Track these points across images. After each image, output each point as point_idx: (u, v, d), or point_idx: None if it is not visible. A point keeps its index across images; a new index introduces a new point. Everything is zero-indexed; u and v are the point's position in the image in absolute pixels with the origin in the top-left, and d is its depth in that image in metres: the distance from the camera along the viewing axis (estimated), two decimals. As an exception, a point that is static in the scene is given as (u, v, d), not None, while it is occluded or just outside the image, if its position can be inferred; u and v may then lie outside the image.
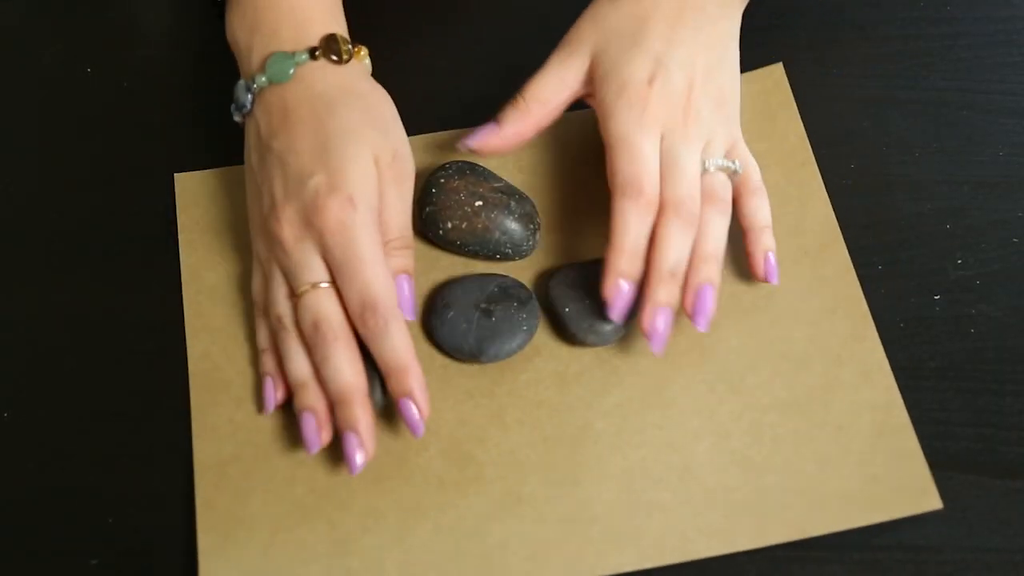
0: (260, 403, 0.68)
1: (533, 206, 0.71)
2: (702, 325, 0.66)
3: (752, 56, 0.76)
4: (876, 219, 0.72)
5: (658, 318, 0.65)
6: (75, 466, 0.66)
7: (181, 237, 0.72)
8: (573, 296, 0.68)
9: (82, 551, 0.64)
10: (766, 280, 0.69)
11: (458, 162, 0.71)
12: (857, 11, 0.81)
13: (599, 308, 0.66)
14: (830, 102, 0.77)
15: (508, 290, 0.69)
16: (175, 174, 0.74)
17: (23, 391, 0.68)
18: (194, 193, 0.73)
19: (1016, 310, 0.69)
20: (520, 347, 0.68)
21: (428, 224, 0.70)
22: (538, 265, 0.71)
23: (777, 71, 0.76)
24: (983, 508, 0.64)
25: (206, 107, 0.78)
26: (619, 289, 0.65)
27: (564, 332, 0.68)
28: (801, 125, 0.74)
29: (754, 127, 0.73)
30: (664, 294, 0.65)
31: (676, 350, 0.67)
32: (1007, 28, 0.80)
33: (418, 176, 0.70)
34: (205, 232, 0.72)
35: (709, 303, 0.66)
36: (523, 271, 0.71)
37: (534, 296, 0.70)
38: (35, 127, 0.78)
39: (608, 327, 0.67)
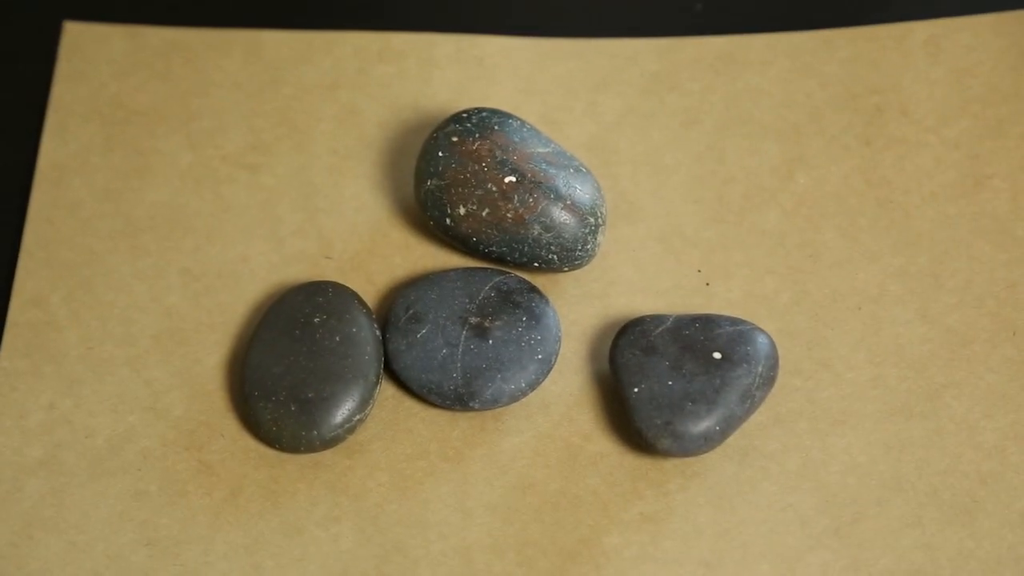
0: None
1: (597, 188, 0.51)
2: None
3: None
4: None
5: None
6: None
7: (50, 116, 0.56)
8: (650, 369, 0.47)
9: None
10: None
11: (482, 111, 0.52)
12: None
13: (690, 393, 0.46)
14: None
15: (512, 295, 0.50)
16: (65, 21, 0.59)
17: None
18: (87, 56, 0.57)
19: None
20: (531, 387, 0.48)
21: (430, 206, 0.51)
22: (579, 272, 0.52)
23: None
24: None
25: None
26: None
27: (627, 426, 0.48)
28: None
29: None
30: None
31: (782, 468, 0.47)
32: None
33: (422, 130, 0.54)
34: (90, 116, 0.55)
35: None
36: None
37: (551, 305, 0.50)
38: None
39: (697, 429, 0.46)
